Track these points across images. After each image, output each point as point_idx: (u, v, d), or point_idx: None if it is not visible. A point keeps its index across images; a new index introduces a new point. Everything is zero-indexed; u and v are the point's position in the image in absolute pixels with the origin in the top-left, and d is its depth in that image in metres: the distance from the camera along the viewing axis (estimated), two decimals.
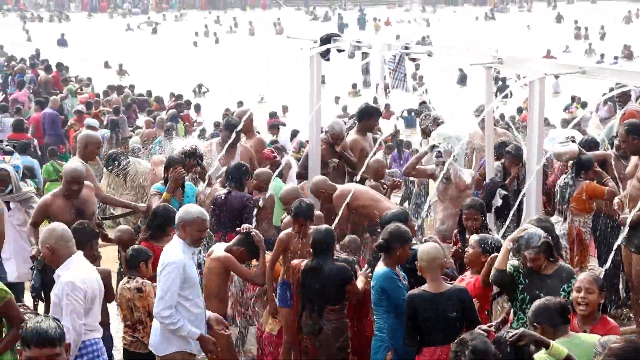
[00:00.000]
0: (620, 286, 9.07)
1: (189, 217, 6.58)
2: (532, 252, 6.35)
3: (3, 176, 9.20)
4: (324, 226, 7.35)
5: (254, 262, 7.59)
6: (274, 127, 21.05)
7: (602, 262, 8.82)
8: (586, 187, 8.88)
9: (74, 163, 8.59)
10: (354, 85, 32.66)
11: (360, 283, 7.19)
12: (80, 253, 6.37)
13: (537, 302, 5.67)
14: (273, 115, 26.48)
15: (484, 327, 5.65)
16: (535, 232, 6.40)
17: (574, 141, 8.88)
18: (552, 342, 5.19)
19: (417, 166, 9.35)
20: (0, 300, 5.99)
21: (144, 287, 7.09)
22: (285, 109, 28.36)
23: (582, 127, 15.45)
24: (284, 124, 25.25)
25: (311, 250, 7.21)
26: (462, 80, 36.59)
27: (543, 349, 5.21)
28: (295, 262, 7.37)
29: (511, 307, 6.53)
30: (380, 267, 6.77)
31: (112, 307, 7.82)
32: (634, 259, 8.11)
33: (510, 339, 5.12)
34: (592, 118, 17.35)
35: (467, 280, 6.85)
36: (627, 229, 7.56)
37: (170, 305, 6.43)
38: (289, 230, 7.84)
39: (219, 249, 7.43)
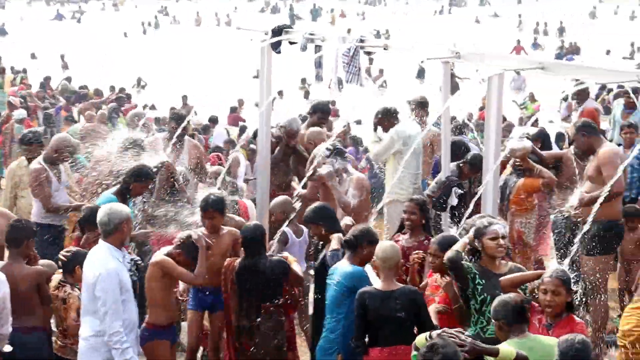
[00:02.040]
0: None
1: (117, 218, 6.66)
2: (506, 226, 6.47)
3: None
4: (254, 222, 7.49)
5: None
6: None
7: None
8: (522, 185, 9.11)
9: None
10: (303, 80, 32.64)
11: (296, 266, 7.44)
12: None
13: (498, 298, 5.84)
14: (234, 110, 26.42)
15: (451, 330, 5.53)
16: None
17: (528, 138, 9.05)
18: (499, 348, 5.32)
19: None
20: None
21: (68, 299, 7.08)
22: (241, 103, 28.25)
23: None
24: (243, 120, 25.26)
25: (242, 248, 7.33)
26: (420, 74, 36.98)
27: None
28: (228, 260, 7.47)
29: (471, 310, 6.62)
30: (347, 265, 6.91)
31: None
32: (583, 260, 8.34)
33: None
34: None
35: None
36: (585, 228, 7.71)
37: (118, 317, 6.51)
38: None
39: (159, 254, 7.43)
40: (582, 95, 12.06)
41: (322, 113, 10.94)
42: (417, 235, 7.89)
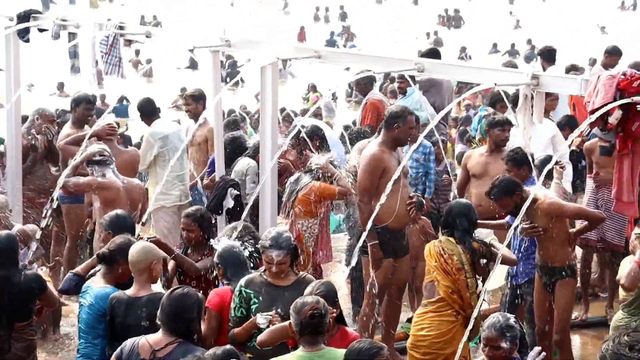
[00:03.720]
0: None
1: None
2: (281, 254, 6.41)
3: None
4: (5, 232, 7.25)
5: None
6: None
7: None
8: (318, 188, 9.11)
9: None
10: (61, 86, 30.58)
11: None
12: None
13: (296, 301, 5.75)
14: None
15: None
16: (280, 231, 6.61)
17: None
18: None
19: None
20: None
21: None
22: None
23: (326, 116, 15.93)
24: None
25: None
26: (193, 64, 36.87)
27: None
28: None
29: None
30: (101, 285, 6.69)
31: None
32: (363, 261, 8.48)
33: None
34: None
35: None
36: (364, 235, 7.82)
37: None
38: None
39: None
40: (364, 86, 12.27)
41: (86, 103, 10.51)
42: (200, 251, 7.73)
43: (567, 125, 10.65)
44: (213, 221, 9.75)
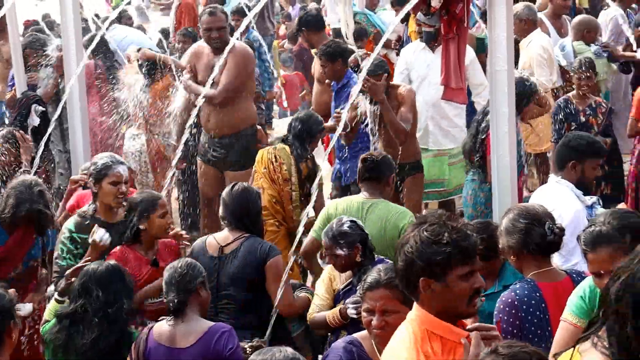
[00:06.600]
0: None
1: None
2: (126, 170, 6.49)
3: None
4: None
5: None
6: None
7: None
8: (154, 89, 9.17)
9: None
10: None
11: None
12: None
13: None
14: None
15: None
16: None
17: None
18: None
19: None
20: None
21: None
22: None
23: None
24: None
25: None
26: None
27: None
28: None
29: None
30: None
31: None
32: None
33: None
34: None
35: None
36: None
37: None
38: None
39: None
40: None
41: None
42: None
43: None
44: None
